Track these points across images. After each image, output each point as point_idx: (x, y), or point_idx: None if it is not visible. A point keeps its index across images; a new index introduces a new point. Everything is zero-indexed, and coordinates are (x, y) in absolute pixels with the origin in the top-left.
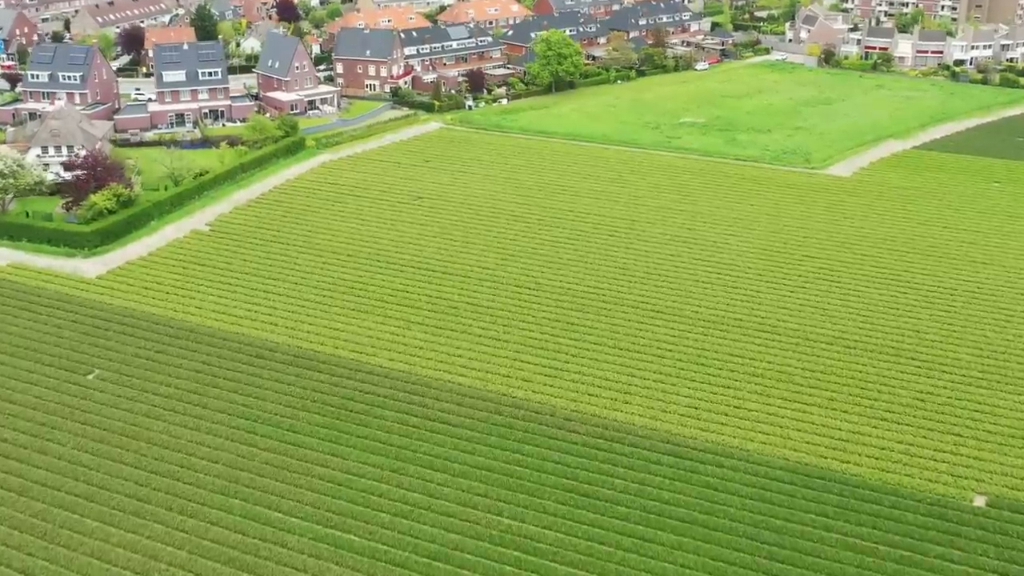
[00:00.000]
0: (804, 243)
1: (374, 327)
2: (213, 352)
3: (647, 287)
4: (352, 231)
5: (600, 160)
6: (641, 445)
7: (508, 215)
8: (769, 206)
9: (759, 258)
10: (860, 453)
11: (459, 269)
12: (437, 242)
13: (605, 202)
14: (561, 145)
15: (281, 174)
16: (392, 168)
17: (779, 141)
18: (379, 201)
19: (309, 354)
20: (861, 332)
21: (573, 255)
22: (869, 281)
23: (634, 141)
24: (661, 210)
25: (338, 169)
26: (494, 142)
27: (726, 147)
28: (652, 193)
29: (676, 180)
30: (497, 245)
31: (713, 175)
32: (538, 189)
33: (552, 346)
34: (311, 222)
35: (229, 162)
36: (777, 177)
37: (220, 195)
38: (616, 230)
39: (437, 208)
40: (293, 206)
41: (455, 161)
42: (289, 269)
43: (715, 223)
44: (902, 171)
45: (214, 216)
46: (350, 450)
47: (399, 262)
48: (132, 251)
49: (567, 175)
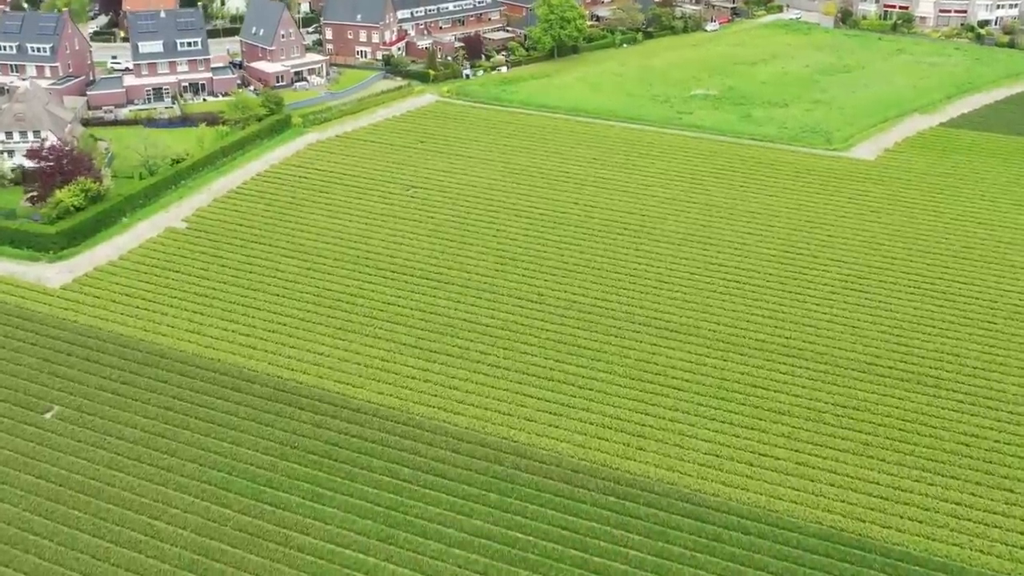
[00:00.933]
0: (828, 243)
1: (362, 351)
2: (185, 384)
3: (660, 299)
4: (340, 229)
5: (606, 140)
6: (657, 504)
7: (508, 209)
8: (789, 197)
9: (780, 262)
10: (902, 515)
11: (455, 276)
12: (431, 242)
13: (612, 192)
14: (564, 122)
15: (265, 158)
16: (383, 151)
17: (797, 117)
18: (369, 192)
19: (290, 386)
20: (895, 357)
21: (578, 258)
22: (900, 291)
23: (642, 117)
24: (673, 202)
25: (326, 152)
26: (492, 119)
27: (740, 124)
28: (662, 181)
29: (688, 165)
30: (496, 246)
31: (727, 158)
32: (540, 176)
33: (557, 375)
34: (295, 218)
35: (209, 145)
36: (796, 161)
37: (199, 184)
38: (625, 227)
39: (431, 200)
40: (277, 198)
41: (451, 142)
42: (271, 277)
43: (731, 218)
44: (929, 154)
45: (192, 210)
46: (334, 512)
47: (390, 267)
48: (101, 254)
49: (571, 159)
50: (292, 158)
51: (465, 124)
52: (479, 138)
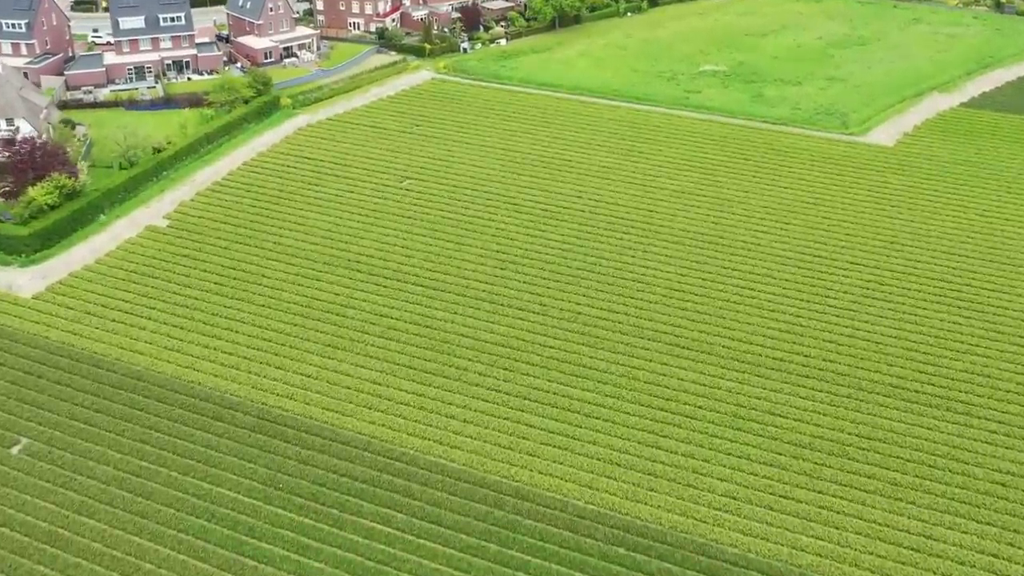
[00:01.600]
0: (848, 243)
1: (352, 371)
2: (163, 412)
3: (670, 309)
4: (329, 227)
5: (610, 123)
6: (670, 558)
7: (508, 203)
8: (804, 189)
9: (797, 266)
10: (936, 570)
11: (451, 283)
12: (425, 243)
13: (618, 184)
14: (566, 103)
15: (251, 144)
16: (376, 136)
17: (811, 96)
18: (361, 183)
19: (275, 415)
20: (921, 379)
21: (583, 262)
22: (926, 300)
23: (648, 96)
24: (682, 196)
25: (316, 137)
26: (491, 98)
27: (752, 105)
28: (671, 170)
29: (697, 152)
30: (495, 248)
31: (739, 144)
32: (541, 165)
33: (561, 400)
34: (283, 214)
35: (192, 131)
36: (812, 147)
37: (181, 175)
38: (631, 225)
39: (426, 193)
40: (264, 190)
41: (447, 126)
42: (256, 284)
43: (744, 214)
44: (951, 139)
45: (173, 205)
46: (320, 567)
47: (382, 272)
48: (77, 256)
49: (574, 145)
50: (280, 144)
51: (462, 105)
52: (477, 121)
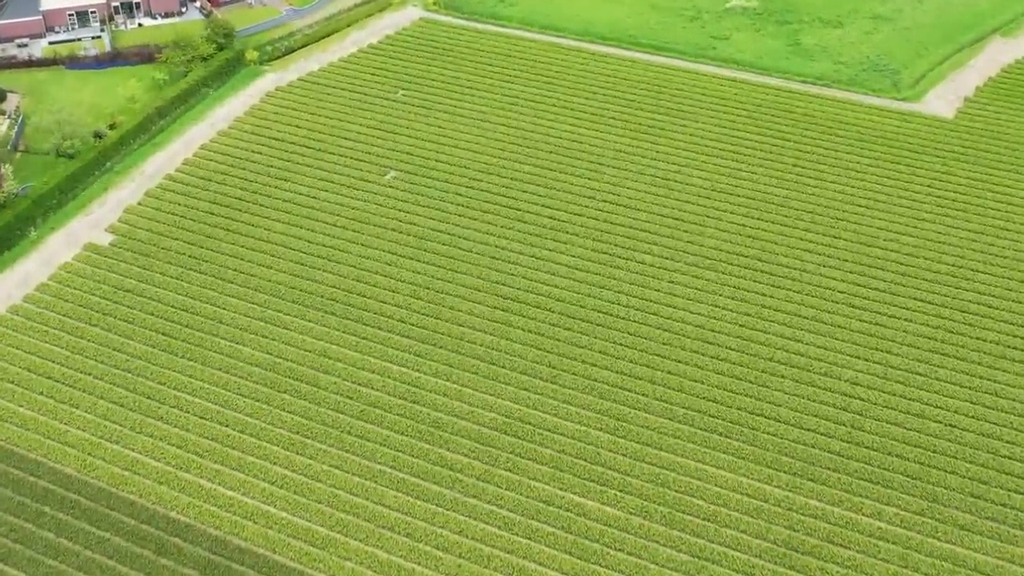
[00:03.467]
0: (909, 268)
1: (325, 476)
2: (93, 542)
3: (705, 378)
4: (300, 247)
5: (626, 85)
6: None
7: (509, 210)
8: (854, 185)
9: (851, 305)
10: None
11: (443, 335)
12: (413, 270)
13: (636, 178)
14: (575, 54)
15: (210, 118)
16: (356, 106)
17: (855, 44)
18: (338, 177)
19: (231, 551)
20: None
21: (597, 300)
22: (1016, 362)
23: (668, 45)
24: (712, 197)
25: (285, 107)
26: (487, 48)
27: (788, 58)
28: (698, 157)
29: (727, 129)
30: (494, 278)
31: (775, 115)
32: (548, 148)
33: (577, 522)
34: (245, 226)
35: (142, 104)
36: (859, 120)
37: (128, 165)
38: (655, 242)
39: (413, 193)
40: (224, 188)
41: (437, 89)
42: (212, 334)
43: (785, 225)
44: (1021, 106)
45: (118, 210)
46: None
47: (361, 316)
48: (1, 293)
49: (584, 118)
50: (244, 118)
51: (455, 58)
52: (471, 84)
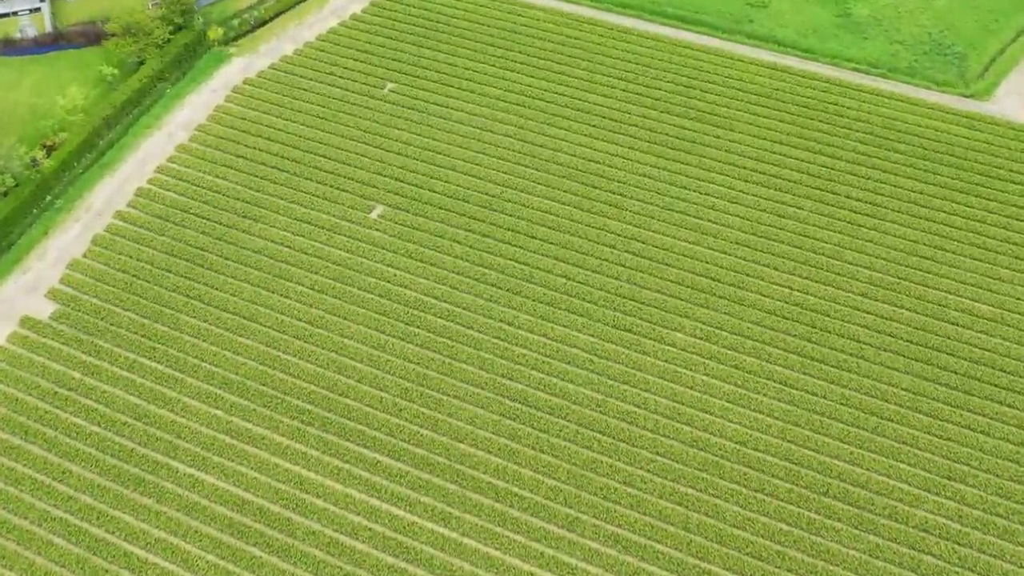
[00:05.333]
0: (986, 357)
1: None
2: None
3: (767, 524)
4: (272, 317)
5: (650, 73)
6: None
7: (515, 264)
8: (918, 226)
9: (932, 417)
10: None
11: (441, 454)
12: (404, 351)
13: (665, 213)
14: (589, 28)
15: (168, 125)
16: (338, 102)
17: (913, 13)
18: (316, 212)
19: None
20: None
21: (626, 407)
22: None
23: (698, 15)
24: (754, 245)
25: (255, 107)
26: (489, 17)
27: (836, 34)
28: (735, 184)
29: (768, 142)
30: (500, 371)
31: (824, 120)
32: (558, 167)
33: None
34: (207, 283)
35: (87, 114)
36: (921, 126)
37: (73, 197)
38: (689, 319)
39: (403, 238)
40: (183, 228)
41: (429, 81)
42: (165, 467)
43: (841, 290)
44: None
45: (60, 266)
46: None
47: (343, 426)
48: None
49: (602, 123)
50: (208, 125)
51: (451, 33)
52: (471, 72)
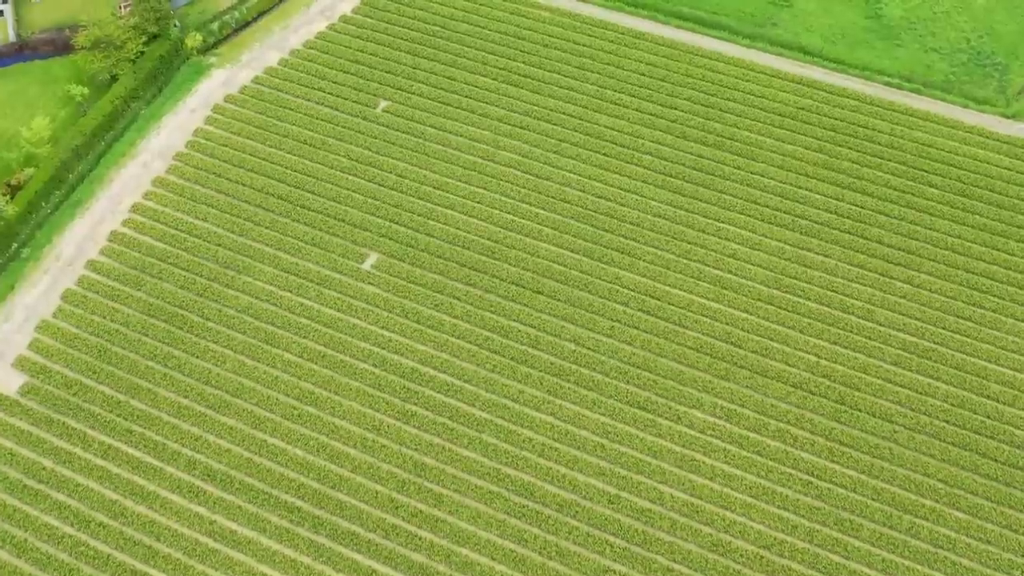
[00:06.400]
0: None
1: None
2: None
3: None
4: (254, 400)
5: (665, 89)
6: None
7: (520, 326)
8: (955, 278)
9: (981, 542)
10: None
11: (439, 559)
12: (398, 457)
13: (682, 263)
14: (600, 31)
15: (143, 152)
16: (326, 125)
17: (950, 12)
18: (305, 262)
19: None
20: None
21: (643, 523)
22: None
23: (717, 16)
24: (778, 302)
25: (237, 131)
26: (491, 18)
27: (867, 40)
28: (758, 227)
29: (793, 174)
30: (504, 479)
31: (851, 147)
32: (565, 205)
33: None
34: (186, 351)
35: (53, 148)
36: (958, 154)
37: (41, 243)
38: (708, 394)
39: (398, 292)
40: (162, 282)
41: (427, 92)
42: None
43: (873, 359)
44: None
45: (28, 329)
46: None
47: (329, 525)
48: None
49: (614, 151)
50: (187, 154)
51: (449, 37)
52: (471, 88)
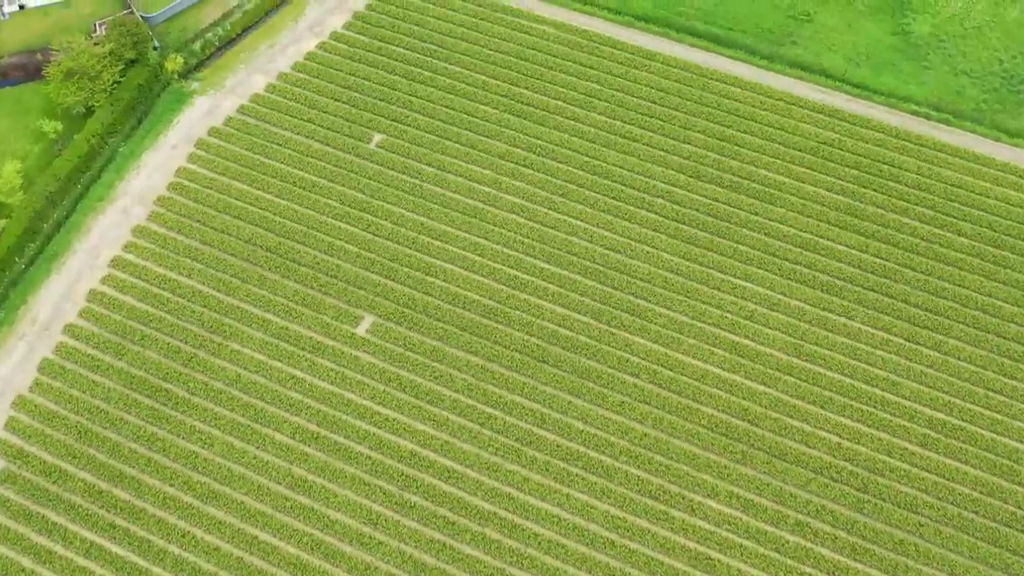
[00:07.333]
0: None
1: None
2: None
3: None
4: (243, 492)
5: (677, 119)
6: None
7: (522, 409)
8: (998, 367)
9: None
10: None
11: None
12: (396, 554)
13: (695, 328)
14: (608, 51)
15: (122, 198)
16: (316, 163)
17: (981, 29)
18: (295, 325)
19: None
20: None
21: None
22: None
23: (732, 33)
24: (797, 373)
25: (222, 170)
26: (490, 35)
27: (893, 61)
28: (775, 284)
29: (812, 220)
30: (508, 561)
31: (875, 189)
32: (570, 259)
33: None
34: (171, 431)
35: (26, 196)
36: (988, 199)
37: (16, 304)
38: (720, 493)
39: (394, 360)
40: (145, 349)
41: (423, 126)
42: None
43: (900, 441)
44: None
45: (2, 406)
46: None
47: None
48: None
49: (623, 195)
50: (168, 196)
51: (446, 57)
52: (471, 119)
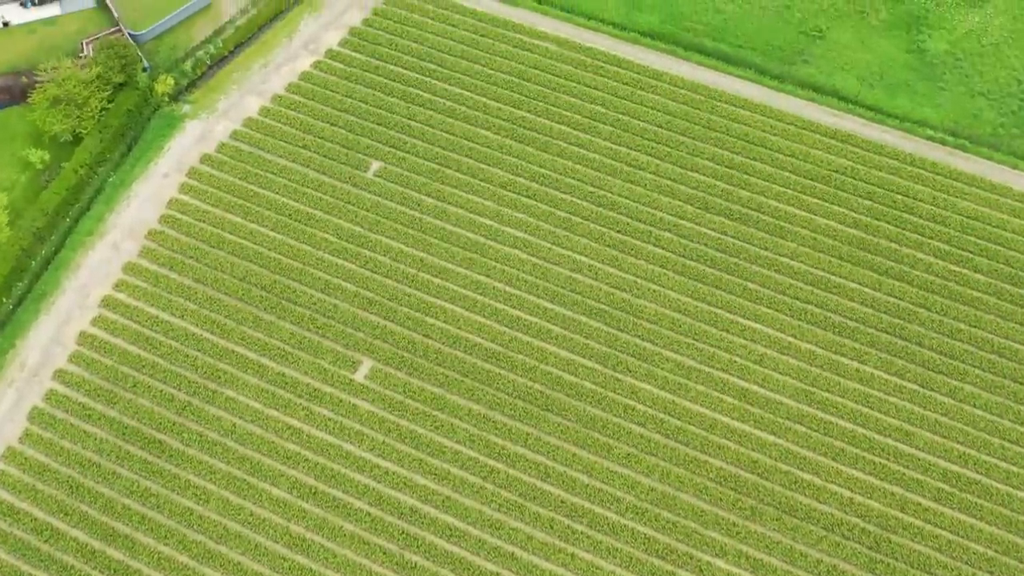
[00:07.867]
0: None
1: None
2: None
3: None
4: (238, 550)
5: (684, 147)
6: None
7: (526, 461)
8: (1005, 389)
9: None
10: None
11: None
12: None
13: (702, 378)
14: (612, 71)
15: (111, 230)
16: (312, 194)
17: (999, 45)
18: (291, 372)
19: None
20: None
21: None
22: None
23: (742, 52)
24: (813, 437)
25: (216, 195)
26: (490, 52)
27: (909, 81)
28: (786, 323)
29: (826, 257)
30: None
31: (889, 221)
32: (573, 305)
33: None
34: (164, 480)
35: (13, 233)
36: (1006, 232)
37: (2, 351)
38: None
39: (394, 410)
40: (138, 396)
41: (418, 154)
42: None
43: (914, 496)
44: None
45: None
46: None
47: None
48: None
49: (629, 234)
50: (160, 230)
51: (446, 76)
52: (470, 145)
